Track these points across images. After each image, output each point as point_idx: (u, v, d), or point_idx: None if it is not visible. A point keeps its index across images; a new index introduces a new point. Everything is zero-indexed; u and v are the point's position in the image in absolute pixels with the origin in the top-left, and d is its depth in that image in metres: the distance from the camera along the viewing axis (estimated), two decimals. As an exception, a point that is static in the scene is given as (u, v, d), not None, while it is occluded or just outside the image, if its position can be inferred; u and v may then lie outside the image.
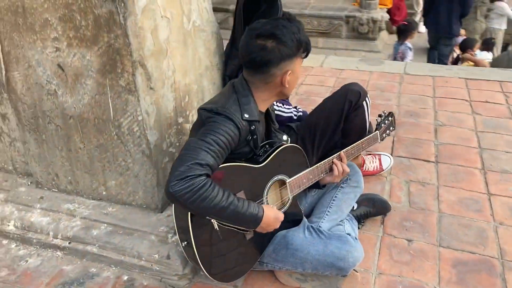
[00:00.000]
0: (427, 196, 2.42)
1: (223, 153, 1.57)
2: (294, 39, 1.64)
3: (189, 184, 1.44)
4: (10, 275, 1.97)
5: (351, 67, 4.27)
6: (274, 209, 1.68)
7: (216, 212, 1.52)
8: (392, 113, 2.28)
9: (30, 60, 1.94)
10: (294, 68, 1.71)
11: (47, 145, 2.14)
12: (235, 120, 1.61)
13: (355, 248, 1.74)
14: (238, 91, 1.71)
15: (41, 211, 2.16)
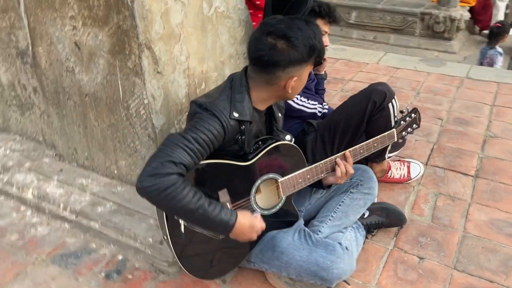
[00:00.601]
0: (454, 212, 2.21)
1: (202, 152, 1.51)
2: (307, 44, 1.54)
3: (157, 181, 1.40)
4: (19, 240, 2.07)
5: (408, 67, 4.02)
6: (251, 218, 1.58)
7: (184, 214, 1.47)
8: (416, 109, 2.08)
9: (51, 36, 2.01)
10: (301, 75, 1.61)
11: (67, 120, 2.21)
12: (221, 119, 1.54)
13: (341, 260, 1.62)
14: (235, 87, 1.63)
15: (57, 183, 2.24)
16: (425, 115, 3.11)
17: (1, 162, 2.45)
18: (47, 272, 1.90)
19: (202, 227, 1.55)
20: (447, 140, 2.82)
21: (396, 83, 3.66)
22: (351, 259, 1.67)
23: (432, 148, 2.73)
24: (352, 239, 1.83)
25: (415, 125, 2.09)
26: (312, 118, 2.34)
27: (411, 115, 2.06)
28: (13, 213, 2.23)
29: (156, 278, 1.87)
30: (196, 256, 1.67)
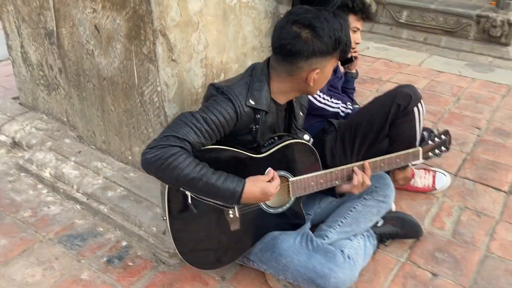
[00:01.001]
0: (479, 229, 2.06)
1: (211, 133, 1.48)
2: (333, 36, 1.46)
3: (159, 152, 1.39)
4: (31, 217, 2.10)
5: (452, 71, 3.82)
6: (262, 183, 1.50)
7: (188, 183, 1.43)
8: (447, 132, 1.95)
9: (74, 18, 2.01)
10: (325, 68, 1.53)
11: (87, 102, 2.22)
12: (235, 104, 1.50)
13: (340, 268, 1.53)
14: (255, 75, 1.58)
15: (74, 164, 2.27)
16: (462, 123, 2.94)
17: (25, 140, 2.51)
18: (52, 251, 1.92)
19: (208, 197, 1.50)
20: (483, 151, 2.63)
21: (437, 87, 3.47)
22: (352, 269, 1.58)
23: (464, 158, 2.56)
24: (359, 248, 1.73)
25: (444, 148, 1.94)
26: (334, 117, 2.24)
27: (441, 137, 1.92)
28: (30, 190, 2.28)
29: (156, 268, 1.84)
30: (192, 242, 1.63)
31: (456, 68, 3.85)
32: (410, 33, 7.36)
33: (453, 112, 3.09)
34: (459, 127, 2.88)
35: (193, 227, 1.60)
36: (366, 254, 1.78)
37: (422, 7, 7.03)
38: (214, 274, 1.81)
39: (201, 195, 1.50)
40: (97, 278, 1.79)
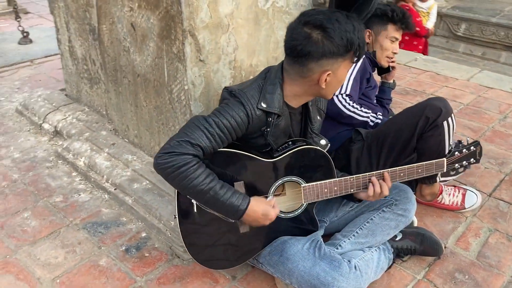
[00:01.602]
0: (507, 254, 1.96)
1: (223, 137, 1.51)
2: (344, 37, 1.45)
3: (172, 159, 1.43)
4: (62, 202, 2.22)
5: (504, 88, 3.64)
6: (265, 206, 1.54)
7: (195, 194, 1.48)
8: (477, 142, 1.86)
9: (113, 16, 2.11)
10: (337, 70, 1.52)
11: (122, 97, 2.32)
12: (246, 107, 1.52)
13: (345, 278, 1.50)
14: (268, 78, 1.60)
15: (106, 156, 2.37)
16: (505, 142, 2.80)
17: (66, 129, 2.65)
18: (76, 236, 2.02)
19: (213, 209, 1.54)
20: (523, 173, 2.51)
21: (483, 103, 3.33)
22: (358, 280, 1.55)
23: (502, 179, 2.44)
24: (371, 260, 1.70)
25: (473, 160, 1.85)
26: (363, 126, 2.20)
27: (470, 148, 1.84)
28: (65, 177, 2.40)
29: (170, 261, 1.89)
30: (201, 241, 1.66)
31: (509, 85, 3.67)
32: (467, 47, 7.12)
33: (497, 130, 2.95)
34: (501, 146, 2.75)
35: (202, 228, 1.64)
36: (379, 267, 1.74)
37: (482, 20, 6.79)
38: (225, 272, 1.83)
39: (206, 206, 1.54)
40: (113, 265, 1.87)
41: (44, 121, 2.79)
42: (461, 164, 1.85)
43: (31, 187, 2.33)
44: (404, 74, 3.87)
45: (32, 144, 2.70)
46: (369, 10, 2.16)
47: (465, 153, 1.84)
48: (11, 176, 2.42)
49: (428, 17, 5.14)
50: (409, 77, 3.81)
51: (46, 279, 1.80)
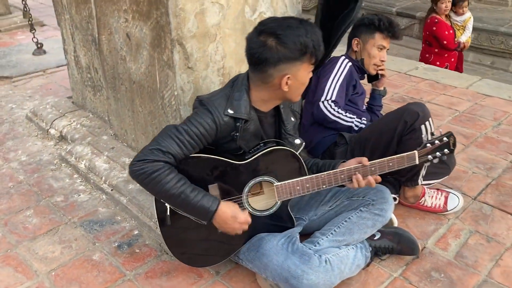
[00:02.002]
0: (484, 254, 2.01)
1: (193, 144, 1.62)
2: (297, 41, 1.56)
3: (144, 166, 1.56)
4: (62, 202, 2.35)
5: (502, 95, 3.67)
6: (234, 209, 1.65)
7: (167, 198, 1.59)
8: (450, 133, 1.89)
9: (111, 27, 2.25)
10: (296, 73, 1.62)
11: (120, 103, 2.45)
12: (213, 114, 1.63)
13: (314, 271, 1.59)
14: (236, 86, 1.72)
15: (106, 159, 2.50)
16: (496, 148, 2.85)
17: (70, 134, 2.80)
18: (73, 233, 2.14)
19: (185, 212, 1.64)
20: (511, 177, 2.55)
21: (478, 111, 3.37)
22: (328, 273, 1.63)
23: (489, 183, 2.49)
24: (345, 256, 1.77)
25: (447, 150, 1.90)
26: (348, 131, 2.29)
27: (442, 139, 1.89)
28: (67, 179, 2.54)
29: (159, 257, 2.00)
30: (182, 241, 1.77)
31: (507, 93, 3.70)
32: (476, 56, 7.13)
33: (489, 136, 3.00)
34: (491, 152, 2.80)
35: (182, 228, 1.74)
36: (354, 264, 1.81)
37: (490, 29, 6.81)
38: (210, 268, 1.93)
39: (178, 209, 1.65)
40: (106, 260, 1.98)
41: (51, 126, 2.94)
42: (435, 156, 1.88)
43: (35, 187, 2.48)
44: (403, 82, 3.94)
45: (39, 148, 2.86)
46: (352, 19, 2.26)
47: (437, 144, 1.85)
48: (17, 177, 2.58)
49: (463, 30, 5.14)
50: (408, 85, 3.88)
51: (42, 271, 1.93)
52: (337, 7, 2.36)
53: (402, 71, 4.18)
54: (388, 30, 2.38)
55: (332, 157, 2.26)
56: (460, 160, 2.70)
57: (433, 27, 4.91)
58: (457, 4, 5.01)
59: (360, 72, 2.47)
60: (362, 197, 1.91)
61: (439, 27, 4.88)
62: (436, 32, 4.89)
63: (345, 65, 2.37)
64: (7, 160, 2.75)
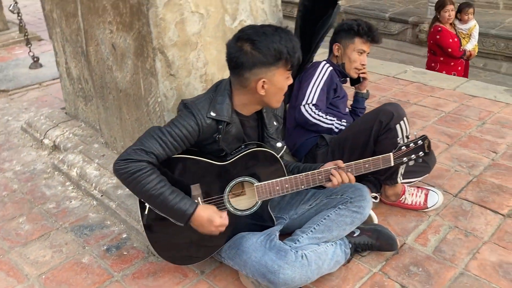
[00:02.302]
0: (462, 248, 2.07)
1: (176, 145, 1.69)
2: (271, 47, 1.65)
3: (127, 166, 1.63)
4: (54, 209, 2.43)
5: (488, 96, 3.74)
6: (211, 212, 1.70)
7: (147, 198, 1.67)
8: (425, 136, 1.96)
9: (97, 38, 2.34)
10: (272, 78, 1.70)
11: (109, 111, 2.53)
12: (196, 117, 1.71)
13: (290, 266, 1.65)
14: (219, 90, 1.80)
15: (96, 166, 2.58)
16: (479, 146, 2.91)
17: (63, 143, 2.88)
18: (64, 237, 2.21)
19: (163, 213, 1.70)
20: (492, 174, 2.60)
21: (464, 111, 3.44)
22: (305, 269, 1.69)
23: (470, 180, 2.55)
24: (324, 253, 1.83)
25: (422, 153, 1.97)
26: (329, 133, 2.36)
27: (417, 142, 1.95)
28: (59, 186, 2.62)
29: (146, 258, 2.07)
30: (165, 240, 1.83)
31: (493, 93, 3.77)
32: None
33: (473, 135, 3.06)
34: (474, 150, 2.86)
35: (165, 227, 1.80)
36: (333, 260, 1.86)
37: (482, 32, 6.85)
38: (194, 267, 1.99)
39: (156, 210, 1.71)
40: (94, 262, 2.05)
41: (45, 137, 3.03)
42: (410, 158, 1.95)
43: (28, 195, 2.55)
44: (391, 86, 4.02)
45: (33, 158, 2.94)
46: (329, 25, 2.34)
47: (412, 147, 1.93)
48: (11, 186, 2.65)
49: (469, 38, 5.07)
50: (396, 88, 3.95)
51: (33, 275, 1.99)
52: (316, 13, 2.44)
53: (391, 74, 4.26)
54: (367, 34, 2.45)
55: (314, 158, 2.33)
56: (443, 159, 2.77)
57: (436, 36, 4.85)
58: (462, 11, 4.97)
59: (342, 76, 2.55)
60: (340, 195, 1.97)
61: (442, 35, 4.82)
62: (440, 41, 4.84)
63: (325, 70, 2.45)
64: (2, 170, 2.83)
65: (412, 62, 7.02)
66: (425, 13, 7.45)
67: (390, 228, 2.16)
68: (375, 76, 4.20)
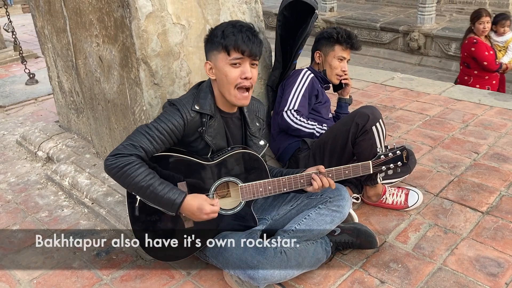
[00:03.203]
0: (441, 244, 2.13)
1: (163, 139, 1.78)
2: (218, 34, 1.79)
3: (117, 160, 1.71)
4: (46, 217, 2.50)
5: (473, 99, 3.82)
6: (201, 201, 1.76)
7: (137, 190, 1.73)
8: (403, 147, 2.04)
9: (85, 51, 2.43)
10: (215, 62, 1.82)
11: (99, 122, 2.62)
12: (181, 111, 1.81)
13: (269, 261, 1.72)
14: (201, 88, 1.91)
15: (87, 175, 2.65)
16: (461, 147, 2.98)
17: (56, 155, 2.96)
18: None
19: (153, 204, 1.77)
20: (472, 174, 2.67)
21: (448, 114, 3.52)
22: (284, 264, 1.75)
23: (451, 180, 2.62)
24: (304, 250, 1.89)
25: (400, 163, 2.03)
26: (310, 137, 2.43)
27: (396, 152, 2.01)
28: (52, 196, 2.69)
29: (134, 262, 2.13)
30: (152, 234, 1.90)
31: (477, 97, 3.85)
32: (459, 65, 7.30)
33: (456, 137, 3.13)
34: (456, 152, 2.93)
35: (151, 224, 1.87)
36: (314, 258, 1.93)
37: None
38: (181, 269, 2.05)
39: (147, 201, 1.78)
40: (84, 267, 2.12)
41: (39, 149, 3.11)
42: (388, 167, 2.03)
43: (22, 205, 2.63)
44: (378, 92, 4.10)
45: (27, 170, 3.02)
46: (307, 33, 2.43)
47: (390, 156, 2.02)
48: (5, 197, 2.73)
49: (505, 51, 4.82)
50: (382, 95, 4.03)
51: (25, 280, 2.06)
52: (296, 22, 2.54)
53: (378, 81, 4.35)
54: (347, 41, 2.54)
55: (297, 162, 2.40)
56: (426, 161, 2.84)
57: (471, 48, 4.67)
58: (498, 23, 4.73)
59: (324, 82, 2.63)
60: (320, 195, 2.04)
61: (478, 47, 4.63)
62: (475, 53, 4.64)
63: (307, 77, 2.53)
64: (-4, 182, 2.91)
65: (404, 70, 7.15)
66: (415, 22, 7.59)
67: (371, 227, 2.23)
68: (363, 83, 4.30)
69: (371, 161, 2.01)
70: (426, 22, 7.47)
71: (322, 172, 1.93)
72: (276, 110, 2.57)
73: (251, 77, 1.82)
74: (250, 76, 1.81)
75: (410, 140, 3.12)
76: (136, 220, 1.88)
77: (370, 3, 9.46)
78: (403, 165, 2.06)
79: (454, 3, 8.25)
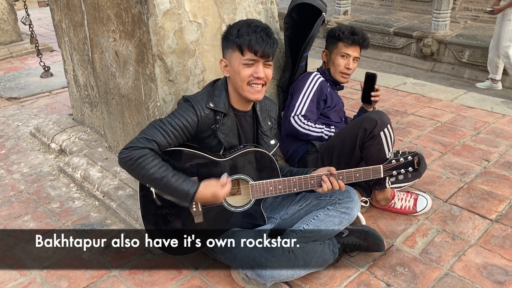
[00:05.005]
0: (448, 250, 2.13)
1: (176, 134, 1.81)
2: (233, 33, 1.81)
3: (131, 153, 1.74)
4: (58, 208, 2.54)
5: (485, 107, 3.81)
6: (214, 188, 1.79)
7: (151, 182, 1.76)
8: (416, 153, 2.02)
9: (102, 46, 2.47)
10: (230, 60, 1.85)
11: (112, 116, 2.65)
12: (195, 108, 1.84)
13: (277, 259, 1.73)
14: (216, 85, 1.94)
15: (99, 168, 2.69)
16: (472, 155, 2.97)
17: (69, 147, 3.00)
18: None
19: (167, 195, 1.80)
20: (483, 181, 2.67)
21: (460, 121, 3.51)
22: (291, 263, 1.77)
23: (461, 187, 2.62)
24: (311, 250, 1.91)
25: (411, 169, 2.01)
26: (319, 140, 2.44)
27: (407, 157, 2.00)
28: (64, 187, 2.73)
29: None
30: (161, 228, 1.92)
31: (490, 105, 3.84)
32: (472, 73, 7.26)
33: (467, 144, 3.12)
34: (466, 159, 2.93)
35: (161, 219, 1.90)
36: (321, 259, 1.94)
37: (484, 46, 6.95)
38: (189, 264, 2.08)
39: (161, 193, 1.81)
40: (94, 258, 2.15)
41: (52, 141, 3.15)
42: (399, 172, 2.02)
43: (34, 196, 2.67)
44: (390, 97, 4.10)
45: (40, 161, 3.06)
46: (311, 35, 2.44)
47: (401, 161, 2.00)
48: (18, 187, 2.77)
49: None
50: (394, 99, 4.03)
51: (35, 269, 2.09)
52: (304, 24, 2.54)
53: (390, 86, 4.35)
54: (348, 37, 2.49)
55: (306, 164, 2.41)
56: (436, 166, 2.84)
57: None
58: None
59: (334, 84, 2.63)
60: (329, 197, 2.05)
61: None
62: None
63: (315, 81, 2.52)
64: (10, 172, 2.96)
65: (417, 76, 7.11)
66: (429, 28, 7.55)
67: (379, 230, 2.24)
68: (375, 88, 4.29)
69: (382, 165, 2.01)
70: (440, 28, 7.42)
71: (333, 174, 1.94)
72: (285, 114, 2.58)
73: (263, 77, 1.84)
74: (262, 76, 1.83)
75: (420, 146, 3.12)
76: (147, 213, 1.90)
77: (384, 8, 9.42)
78: (414, 170, 2.06)
79: (469, 10, 8.20)
